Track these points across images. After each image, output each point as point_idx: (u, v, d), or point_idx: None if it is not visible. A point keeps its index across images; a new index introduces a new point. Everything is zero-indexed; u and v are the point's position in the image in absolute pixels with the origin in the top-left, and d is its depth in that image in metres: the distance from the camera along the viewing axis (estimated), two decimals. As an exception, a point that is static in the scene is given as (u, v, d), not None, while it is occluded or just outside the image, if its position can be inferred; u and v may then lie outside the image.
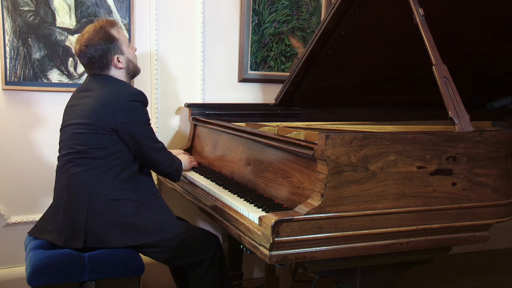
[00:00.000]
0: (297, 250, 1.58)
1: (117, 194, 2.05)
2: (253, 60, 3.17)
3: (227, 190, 2.14)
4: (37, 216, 2.70)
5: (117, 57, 2.14)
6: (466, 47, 2.71)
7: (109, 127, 2.03)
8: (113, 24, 2.17)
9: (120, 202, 2.05)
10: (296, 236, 1.56)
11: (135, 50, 2.29)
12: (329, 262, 1.69)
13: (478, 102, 3.16)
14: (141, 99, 2.10)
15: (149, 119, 2.16)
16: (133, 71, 2.27)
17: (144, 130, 2.10)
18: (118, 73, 2.18)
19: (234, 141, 2.37)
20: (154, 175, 2.49)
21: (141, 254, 2.10)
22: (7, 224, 2.71)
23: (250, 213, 1.77)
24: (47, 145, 2.69)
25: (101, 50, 2.10)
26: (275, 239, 1.53)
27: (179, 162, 2.32)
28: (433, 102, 2.10)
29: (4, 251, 2.73)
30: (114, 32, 2.14)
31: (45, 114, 2.68)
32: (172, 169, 2.26)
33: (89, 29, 2.14)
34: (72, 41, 2.68)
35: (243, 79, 3.16)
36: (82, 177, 2.04)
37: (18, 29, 2.59)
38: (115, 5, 2.77)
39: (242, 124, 2.68)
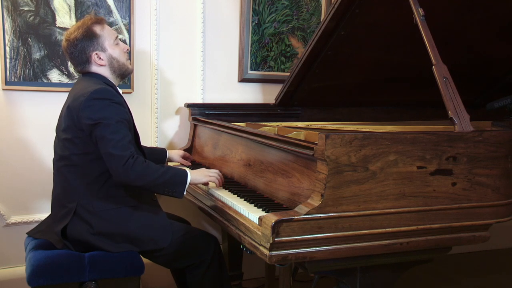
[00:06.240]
0: (297, 250, 1.58)
1: (106, 204, 2.01)
2: (253, 60, 3.17)
3: (227, 190, 2.13)
4: (37, 216, 2.71)
5: (97, 54, 2.10)
6: (466, 47, 2.70)
7: (79, 129, 1.98)
8: (99, 21, 2.14)
9: (109, 212, 2.01)
10: (296, 236, 1.56)
11: (127, 50, 2.23)
12: (329, 262, 1.69)
13: (478, 102, 3.16)
14: (104, 96, 1.96)
15: (118, 119, 1.95)
16: (119, 70, 2.17)
17: (102, 130, 1.91)
18: (101, 70, 2.14)
19: (234, 141, 2.37)
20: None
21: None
22: (7, 224, 2.71)
23: (250, 213, 1.77)
24: (47, 145, 2.67)
25: (79, 46, 2.08)
26: (275, 239, 1.53)
27: (166, 176, 1.94)
28: (433, 102, 2.10)
29: (4, 251, 2.72)
30: (97, 29, 2.11)
31: (45, 114, 2.68)
32: (143, 183, 1.91)
33: (74, 25, 2.14)
34: (72, 41, 2.68)
35: (243, 79, 3.16)
36: (72, 187, 2.03)
37: (18, 29, 2.58)
38: (115, 5, 2.76)
39: (242, 124, 2.67)
